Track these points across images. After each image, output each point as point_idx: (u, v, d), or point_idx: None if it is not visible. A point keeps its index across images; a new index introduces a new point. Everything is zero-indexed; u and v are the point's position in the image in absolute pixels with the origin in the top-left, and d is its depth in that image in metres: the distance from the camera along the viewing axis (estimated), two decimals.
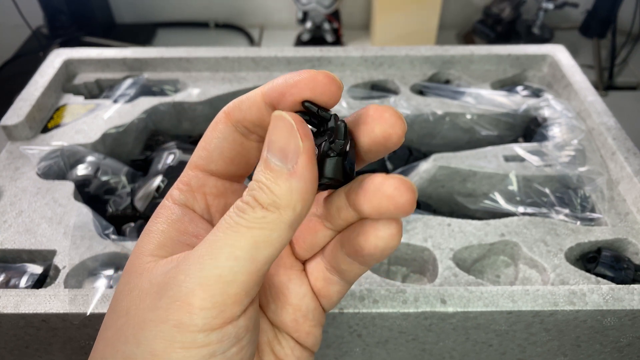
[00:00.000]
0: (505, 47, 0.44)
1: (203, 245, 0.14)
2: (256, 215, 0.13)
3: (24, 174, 0.34)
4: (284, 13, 0.80)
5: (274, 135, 0.14)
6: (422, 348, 0.28)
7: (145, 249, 0.16)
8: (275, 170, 0.13)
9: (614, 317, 0.25)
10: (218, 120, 0.16)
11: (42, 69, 0.41)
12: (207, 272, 0.13)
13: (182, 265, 0.14)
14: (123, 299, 0.15)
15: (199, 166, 0.17)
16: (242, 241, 0.13)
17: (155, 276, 0.14)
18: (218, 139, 0.16)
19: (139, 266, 0.15)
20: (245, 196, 0.14)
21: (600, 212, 0.32)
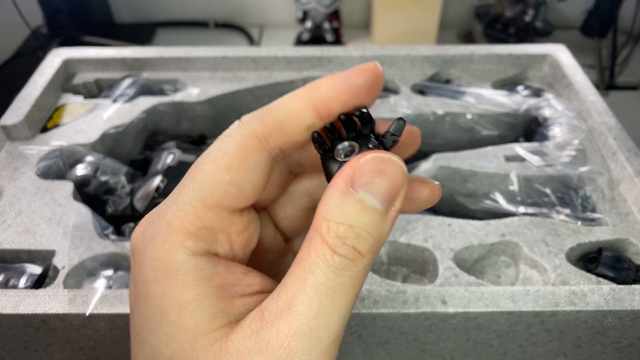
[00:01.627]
0: (505, 46, 0.44)
1: (308, 316, 0.12)
2: (357, 268, 0.12)
3: (23, 174, 0.34)
4: (284, 12, 0.80)
5: (380, 179, 0.12)
6: (422, 349, 0.28)
7: (197, 326, 0.13)
8: (376, 213, 0.12)
9: (614, 318, 0.25)
10: (250, 149, 0.13)
11: (41, 69, 0.41)
12: (325, 341, 0.12)
13: (293, 343, 0.12)
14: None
15: (224, 204, 0.13)
16: (348, 300, 0.12)
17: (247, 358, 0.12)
18: (253, 172, 0.13)
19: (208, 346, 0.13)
20: (339, 248, 0.12)
21: (601, 212, 0.31)
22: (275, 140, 0.13)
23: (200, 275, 0.13)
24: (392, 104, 0.40)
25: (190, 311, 0.13)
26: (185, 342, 0.13)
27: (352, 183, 0.12)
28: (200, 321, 0.13)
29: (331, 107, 0.13)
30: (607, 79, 0.68)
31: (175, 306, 0.13)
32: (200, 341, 0.13)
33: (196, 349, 0.13)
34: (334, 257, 0.12)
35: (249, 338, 0.12)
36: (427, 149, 0.41)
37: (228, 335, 0.13)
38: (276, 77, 0.43)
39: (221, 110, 0.42)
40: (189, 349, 0.13)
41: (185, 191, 0.14)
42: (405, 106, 0.39)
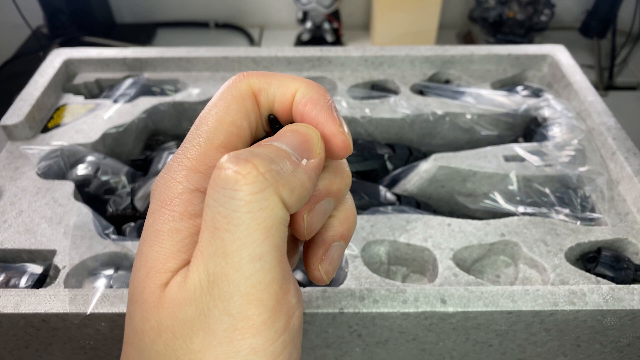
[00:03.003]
0: (505, 47, 0.44)
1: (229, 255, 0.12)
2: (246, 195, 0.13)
3: (24, 173, 0.34)
4: (284, 13, 0.80)
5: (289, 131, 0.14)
6: (422, 348, 0.28)
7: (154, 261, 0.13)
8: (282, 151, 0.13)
9: (614, 317, 0.25)
10: (246, 95, 0.15)
11: (42, 69, 0.41)
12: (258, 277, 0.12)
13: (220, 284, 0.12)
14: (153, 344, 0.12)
15: (228, 145, 0.14)
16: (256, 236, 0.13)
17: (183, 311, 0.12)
18: (249, 117, 0.15)
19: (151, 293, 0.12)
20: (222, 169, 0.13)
21: (600, 212, 0.32)
22: (260, 99, 0.15)
23: (188, 210, 0.13)
24: (391, 104, 0.40)
25: (157, 243, 0.13)
26: (140, 279, 0.13)
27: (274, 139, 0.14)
28: (160, 256, 0.13)
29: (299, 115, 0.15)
30: (606, 79, 0.68)
31: (152, 236, 0.13)
32: (149, 283, 0.13)
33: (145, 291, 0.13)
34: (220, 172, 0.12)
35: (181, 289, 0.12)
36: (427, 149, 0.41)
37: (168, 283, 0.13)
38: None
39: None
40: (141, 287, 0.13)
41: (194, 135, 0.14)
42: (404, 106, 0.39)
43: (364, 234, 0.29)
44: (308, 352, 0.28)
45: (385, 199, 0.34)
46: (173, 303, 0.12)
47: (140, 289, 0.13)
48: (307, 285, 0.28)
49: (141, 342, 0.12)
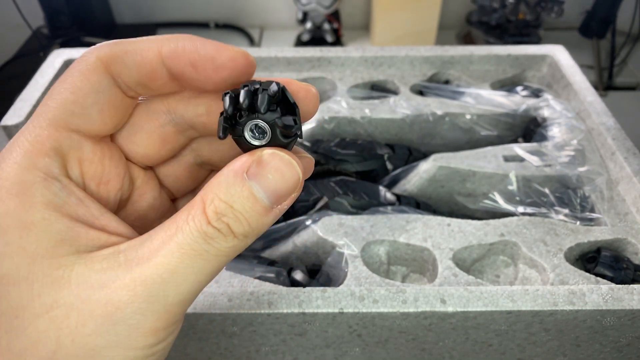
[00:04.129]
0: (505, 47, 0.44)
1: (164, 268, 0.12)
2: (227, 244, 0.13)
3: None
4: (284, 13, 0.80)
5: (271, 173, 0.13)
6: (421, 348, 0.28)
7: (38, 248, 0.12)
8: (259, 205, 0.13)
9: (613, 317, 0.25)
10: (92, 69, 0.13)
11: (42, 69, 0.41)
12: (172, 299, 0.12)
13: (139, 289, 0.12)
14: (36, 319, 0.12)
15: (71, 126, 0.13)
16: (207, 269, 0.13)
17: (89, 292, 0.12)
18: (95, 93, 0.13)
19: (45, 272, 0.12)
20: (216, 221, 0.13)
21: (599, 212, 0.32)
22: (117, 68, 0.13)
23: (49, 200, 0.13)
24: (391, 104, 0.40)
25: (33, 233, 0.12)
26: (21, 264, 0.12)
27: (247, 170, 0.13)
28: (43, 244, 0.12)
29: (178, 64, 0.13)
30: (605, 79, 0.68)
31: (18, 226, 0.12)
32: (40, 265, 0.12)
33: (34, 272, 0.12)
34: (208, 227, 0.13)
35: (96, 273, 0.12)
36: (427, 149, 0.41)
37: (74, 264, 0.12)
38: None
39: None
40: (26, 271, 0.12)
41: (36, 114, 0.13)
42: (404, 106, 0.40)
43: (363, 234, 0.29)
44: (308, 352, 0.28)
45: (385, 199, 0.34)
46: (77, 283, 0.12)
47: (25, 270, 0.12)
48: (306, 285, 0.28)
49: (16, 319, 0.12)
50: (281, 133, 0.13)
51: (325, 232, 0.29)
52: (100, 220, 0.14)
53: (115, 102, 0.14)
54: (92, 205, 0.14)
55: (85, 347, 0.12)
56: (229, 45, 0.14)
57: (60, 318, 0.12)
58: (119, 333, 0.12)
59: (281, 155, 0.13)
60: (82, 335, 0.12)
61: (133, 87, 0.14)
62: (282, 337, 0.26)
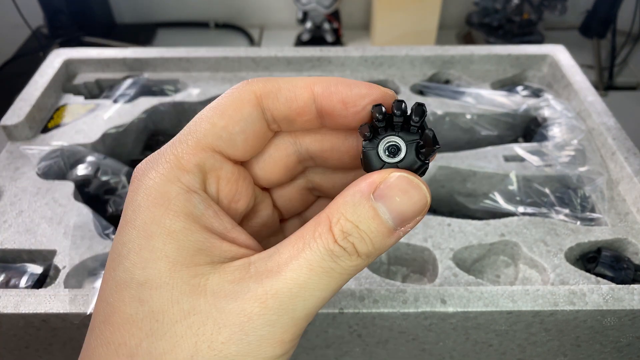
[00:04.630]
0: (505, 47, 0.44)
1: (293, 282, 0.13)
2: (351, 263, 0.13)
3: (24, 174, 0.34)
4: (284, 13, 0.80)
5: (401, 198, 0.13)
6: (422, 348, 0.28)
7: (178, 256, 0.13)
8: (384, 226, 0.13)
9: (613, 317, 0.25)
10: (245, 101, 0.14)
11: (42, 69, 0.41)
12: (300, 313, 0.13)
13: (270, 302, 0.13)
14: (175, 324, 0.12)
15: (216, 148, 0.14)
16: (332, 285, 0.13)
17: (224, 302, 0.13)
18: (245, 123, 0.14)
19: (184, 280, 0.13)
20: (342, 241, 0.13)
21: (600, 212, 0.32)
22: (269, 103, 0.14)
23: (190, 211, 0.14)
24: None
25: (175, 240, 0.13)
26: (163, 270, 0.13)
27: (375, 190, 0.13)
28: (184, 252, 0.13)
29: (328, 102, 0.14)
30: (606, 79, 0.68)
31: (162, 233, 0.13)
32: (180, 272, 0.13)
33: (174, 278, 0.13)
34: (335, 245, 0.13)
35: (229, 284, 0.13)
36: None
37: (209, 274, 0.13)
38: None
39: None
40: (167, 277, 0.13)
41: (184, 132, 0.15)
42: None
43: None
44: (308, 352, 0.28)
45: None
46: (213, 293, 0.13)
47: (165, 277, 0.13)
48: None
49: (156, 323, 0.13)
50: (416, 155, 0.14)
51: None
52: (232, 233, 0.14)
53: (259, 133, 0.15)
54: (225, 219, 0.15)
55: (219, 354, 0.12)
56: (377, 85, 0.15)
57: (197, 324, 0.13)
58: (250, 342, 0.13)
59: (410, 177, 0.13)
60: (217, 342, 0.12)
61: (278, 121, 0.15)
62: None
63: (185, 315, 0.13)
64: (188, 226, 0.13)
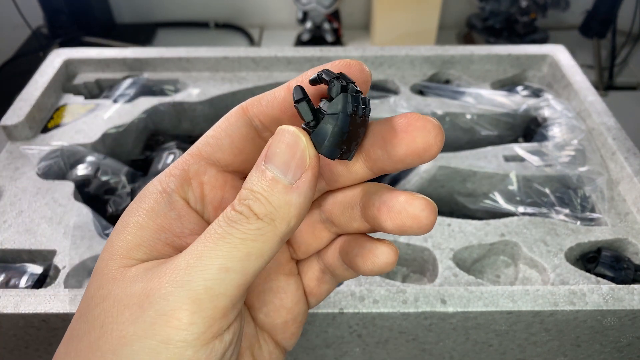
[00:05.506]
0: (505, 47, 0.44)
1: (191, 255, 0.13)
2: (250, 226, 0.13)
3: (24, 174, 0.34)
4: (284, 13, 0.80)
5: (278, 147, 0.13)
6: (422, 348, 0.28)
7: (119, 247, 0.14)
8: (274, 182, 0.13)
9: (614, 317, 0.25)
10: (233, 113, 0.16)
11: (42, 69, 0.41)
12: (196, 284, 0.12)
13: (167, 276, 0.13)
14: (95, 307, 0.13)
15: (203, 154, 0.16)
16: (234, 253, 0.13)
17: (132, 285, 0.13)
18: (230, 128, 0.15)
19: (112, 269, 0.14)
20: (238, 205, 0.13)
21: (600, 212, 0.32)
22: (253, 110, 0.15)
23: (152, 209, 0.15)
24: (391, 104, 0.40)
25: (124, 233, 0.14)
26: (104, 258, 0.14)
27: (265, 156, 0.14)
28: (124, 244, 0.14)
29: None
30: (606, 79, 0.68)
31: (120, 224, 0.15)
32: (112, 261, 0.14)
33: (106, 267, 0.14)
34: (231, 212, 0.13)
35: (145, 270, 0.14)
36: None
37: (136, 266, 0.14)
38: (276, 78, 0.43)
39: (221, 111, 0.42)
40: (103, 265, 0.14)
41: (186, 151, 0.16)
42: (404, 106, 0.40)
43: None
44: (308, 352, 0.28)
45: None
46: (128, 279, 0.13)
47: (103, 266, 0.14)
48: None
49: (86, 306, 0.14)
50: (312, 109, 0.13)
51: None
52: (187, 239, 0.15)
53: (246, 136, 0.15)
54: (187, 224, 0.15)
55: (119, 334, 0.13)
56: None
57: (108, 308, 0.13)
58: (146, 321, 0.12)
59: (283, 127, 0.14)
60: (119, 323, 0.13)
61: (268, 125, 0.15)
62: None
63: (102, 299, 0.13)
64: (141, 220, 0.14)
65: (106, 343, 0.13)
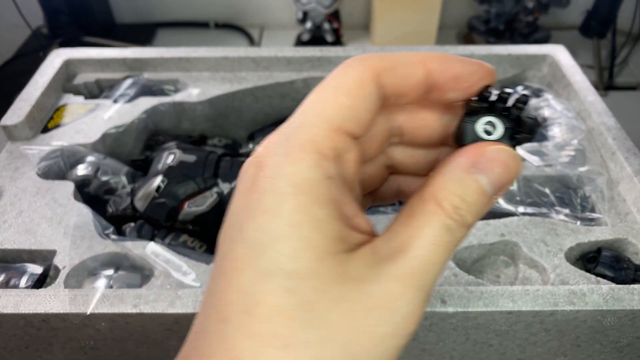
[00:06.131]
0: (505, 47, 0.44)
1: (424, 260, 0.13)
2: (461, 235, 0.14)
3: (24, 174, 0.34)
4: (284, 13, 0.80)
5: (501, 169, 0.14)
6: (422, 348, 0.28)
7: (326, 247, 0.13)
8: (482, 194, 0.14)
9: (614, 317, 0.25)
10: (366, 78, 0.14)
11: (42, 69, 0.41)
12: (429, 287, 0.14)
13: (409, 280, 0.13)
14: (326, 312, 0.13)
15: (346, 129, 0.14)
16: (447, 258, 0.14)
17: (365, 286, 0.13)
18: (370, 101, 0.14)
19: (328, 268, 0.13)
20: (454, 215, 0.14)
21: (600, 212, 0.32)
22: (387, 79, 0.14)
23: (332, 199, 0.13)
24: None
25: (321, 229, 0.13)
26: (312, 260, 0.13)
27: (474, 164, 0.14)
28: (328, 241, 0.13)
29: (441, 77, 0.15)
30: (606, 79, 0.68)
31: (309, 221, 0.13)
32: (326, 261, 0.13)
33: (321, 267, 0.13)
34: (448, 219, 0.14)
35: (367, 268, 0.13)
36: None
37: (347, 261, 0.13)
38: (276, 78, 0.43)
39: (222, 111, 0.42)
40: (315, 266, 0.13)
41: (310, 115, 0.14)
42: None
43: None
44: None
45: None
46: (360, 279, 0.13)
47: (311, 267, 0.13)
48: None
49: (309, 313, 0.13)
50: (509, 139, 0.15)
51: None
52: (356, 219, 0.14)
53: (376, 110, 0.15)
54: (353, 204, 0.15)
55: (372, 336, 0.13)
56: (483, 62, 0.15)
57: (348, 311, 0.13)
58: (397, 322, 0.13)
59: (507, 149, 0.14)
60: (368, 326, 0.13)
61: (389, 97, 0.15)
62: None
63: (335, 303, 0.13)
64: (330, 214, 0.13)
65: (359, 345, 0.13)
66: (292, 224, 0.13)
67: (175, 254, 0.28)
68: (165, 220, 0.32)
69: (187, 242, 0.31)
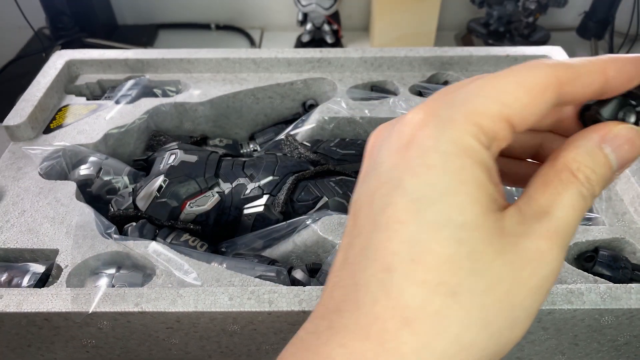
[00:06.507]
0: (503, 48, 0.44)
1: (564, 221, 0.14)
2: (589, 204, 0.15)
3: (27, 174, 0.34)
4: (284, 15, 0.80)
5: (629, 147, 0.15)
6: None
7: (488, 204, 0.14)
8: (611, 171, 0.15)
9: (611, 316, 0.25)
10: (550, 85, 0.15)
11: (44, 70, 0.42)
12: (566, 247, 0.14)
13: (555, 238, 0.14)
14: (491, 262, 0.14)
15: (511, 121, 0.15)
16: (578, 222, 0.15)
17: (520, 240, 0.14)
18: (543, 107, 0.15)
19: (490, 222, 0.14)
20: (587, 184, 0.15)
21: (597, 212, 0.32)
22: (567, 89, 0.15)
23: (488, 166, 0.15)
24: (390, 105, 0.40)
25: (484, 187, 0.14)
26: (479, 214, 0.14)
27: (604, 139, 0.15)
28: (488, 200, 0.14)
29: (617, 80, 0.15)
30: None
31: (474, 181, 0.14)
32: (489, 216, 0.14)
33: (487, 221, 0.14)
34: (583, 188, 0.15)
35: (518, 225, 0.14)
36: None
37: (503, 218, 0.14)
38: (277, 79, 0.43)
39: (222, 111, 0.43)
40: (482, 220, 0.14)
41: (482, 94, 0.15)
42: (403, 107, 0.40)
43: None
44: None
45: None
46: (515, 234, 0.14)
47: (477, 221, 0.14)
48: (307, 284, 0.28)
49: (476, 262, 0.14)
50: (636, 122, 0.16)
51: (325, 231, 0.29)
52: (499, 186, 0.15)
53: (544, 116, 0.15)
54: (497, 175, 0.16)
55: (525, 287, 0.14)
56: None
57: (509, 263, 0.14)
58: (544, 277, 0.14)
59: (635, 128, 0.15)
60: (523, 277, 0.14)
61: (568, 101, 0.15)
62: (282, 336, 0.27)
63: (498, 254, 0.14)
64: (488, 177, 0.14)
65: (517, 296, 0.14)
66: (459, 181, 0.14)
67: (176, 253, 0.28)
68: (166, 220, 0.32)
69: (188, 242, 0.31)
